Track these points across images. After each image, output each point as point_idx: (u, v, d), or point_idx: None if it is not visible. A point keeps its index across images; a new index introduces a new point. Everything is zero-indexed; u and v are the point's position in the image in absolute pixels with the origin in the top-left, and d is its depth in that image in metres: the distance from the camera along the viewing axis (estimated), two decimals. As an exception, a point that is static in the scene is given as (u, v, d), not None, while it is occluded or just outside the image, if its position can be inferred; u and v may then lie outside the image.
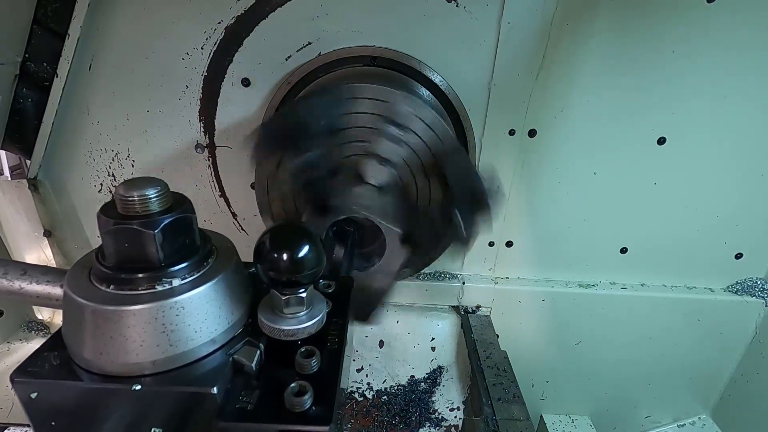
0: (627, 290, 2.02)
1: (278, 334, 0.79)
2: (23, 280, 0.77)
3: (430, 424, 1.94)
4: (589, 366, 2.17)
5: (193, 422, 0.72)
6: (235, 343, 0.79)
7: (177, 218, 0.74)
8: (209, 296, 0.75)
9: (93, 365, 0.71)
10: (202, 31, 1.63)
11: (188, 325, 0.73)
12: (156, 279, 0.73)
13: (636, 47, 1.62)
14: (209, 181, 1.87)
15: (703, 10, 1.55)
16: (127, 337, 0.70)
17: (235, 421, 0.70)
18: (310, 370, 0.77)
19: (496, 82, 1.66)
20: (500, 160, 1.79)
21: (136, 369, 0.71)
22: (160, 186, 0.74)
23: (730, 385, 2.17)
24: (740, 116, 1.71)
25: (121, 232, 0.71)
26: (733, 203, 1.86)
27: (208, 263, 0.80)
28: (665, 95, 1.68)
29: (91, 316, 0.70)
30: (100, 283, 0.73)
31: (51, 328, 2.13)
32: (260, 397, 0.74)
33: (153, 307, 0.70)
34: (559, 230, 1.95)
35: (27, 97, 1.70)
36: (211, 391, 0.70)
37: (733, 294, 2.03)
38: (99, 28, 1.64)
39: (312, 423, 0.70)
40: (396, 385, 2.01)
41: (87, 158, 1.86)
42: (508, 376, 1.73)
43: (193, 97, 1.73)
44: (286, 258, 0.75)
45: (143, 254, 0.72)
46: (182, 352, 0.73)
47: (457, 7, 1.56)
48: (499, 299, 2.03)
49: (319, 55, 1.64)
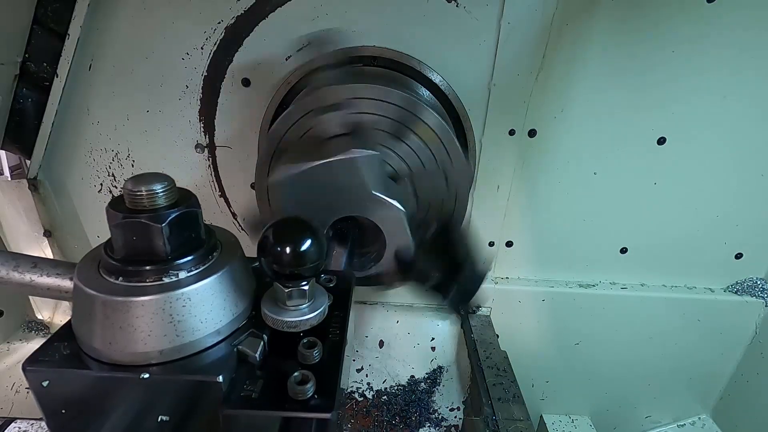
0: (627, 290, 2.02)
1: (281, 325, 0.80)
2: (34, 272, 0.78)
3: (430, 424, 1.94)
4: (589, 366, 2.17)
5: (199, 410, 0.74)
6: (239, 334, 0.81)
7: (183, 212, 0.76)
8: (214, 288, 0.77)
9: (102, 355, 0.73)
10: (202, 31, 1.63)
11: (194, 316, 0.74)
12: (163, 271, 0.74)
13: (636, 47, 1.62)
14: (209, 181, 1.87)
15: (703, 10, 1.55)
16: (136, 327, 0.71)
17: (240, 408, 0.72)
18: (312, 360, 0.79)
19: (496, 82, 1.66)
20: (500, 160, 1.79)
21: (144, 358, 0.73)
22: (167, 181, 0.75)
23: (730, 385, 2.17)
24: (740, 116, 1.71)
25: (129, 225, 0.73)
26: (733, 203, 1.86)
27: (213, 257, 0.81)
28: (665, 95, 1.68)
29: (100, 307, 0.71)
30: (109, 275, 0.75)
31: (51, 328, 2.14)
32: (264, 386, 0.75)
33: (160, 298, 0.72)
34: (559, 230, 1.95)
35: (27, 97, 1.70)
36: (217, 380, 0.72)
37: (733, 294, 2.03)
38: (99, 28, 1.64)
39: (315, 410, 0.72)
40: (396, 385, 2.01)
41: (87, 158, 1.86)
42: (508, 376, 1.73)
43: (193, 97, 1.74)
44: (289, 251, 0.76)
45: (151, 247, 0.74)
46: (188, 342, 0.74)
47: (457, 7, 1.57)
48: (499, 299, 2.03)
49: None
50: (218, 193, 1.90)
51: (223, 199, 1.91)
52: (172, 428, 0.75)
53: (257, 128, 1.74)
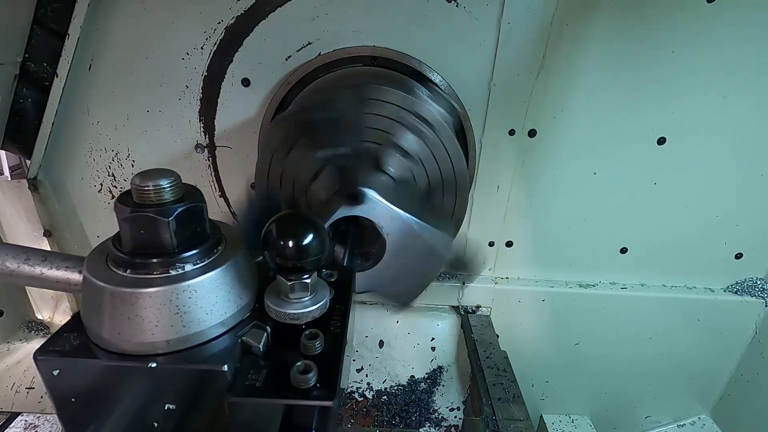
0: (627, 290, 2.02)
1: (284, 317, 0.82)
2: (44, 265, 0.79)
3: (430, 424, 1.94)
4: (589, 366, 2.17)
5: (204, 399, 0.76)
6: (243, 326, 0.82)
7: (189, 207, 0.77)
8: (219, 281, 0.79)
9: (111, 344, 0.75)
10: (202, 31, 1.64)
11: (200, 307, 0.76)
12: (170, 264, 0.76)
13: (636, 47, 1.63)
14: (209, 181, 1.87)
15: (703, 10, 1.56)
16: (143, 318, 0.73)
17: (245, 396, 0.74)
18: (314, 351, 0.81)
19: (496, 82, 1.66)
20: (500, 160, 1.80)
21: (151, 348, 0.74)
22: (173, 177, 0.77)
23: (730, 385, 2.17)
24: (740, 116, 1.71)
25: (137, 219, 0.75)
26: (733, 203, 1.87)
27: (218, 250, 0.83)
28: (665, 95, 1.69)
29: (109, 298, 0.73)
30: (117, 267, 0.76)
31: (51, 328, 2.14)
32: (267, 375, 0.77)
33: (167, 289, 0.73)
34: (559, 230, 1.95)
35: (27, 97, 1.70)
36: (222, 369, 0.73)
37: (733, 294, 2.03)
38: (99, 28, 1.64)
39: (317, 399, 0.74)
40: (396, 385, 2.01)
41: (87, 158, 1.86)
42: (508, 376, 1.73)
43: (193, 97, 1.74)
44: (292, 245, 0.78)
45: (158, 240, 0.75)
46: (194, 333, 0.76)
47: (457, 7, 1.57)
48: (499, 299, 2.04)
49: (319, 55, 1.65)
50: (218, 193, 1.90)
51: (223, 199, 1.91)
52: (179, 416, 0.77)
53: (257, 128, 1.75)
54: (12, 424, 1.57)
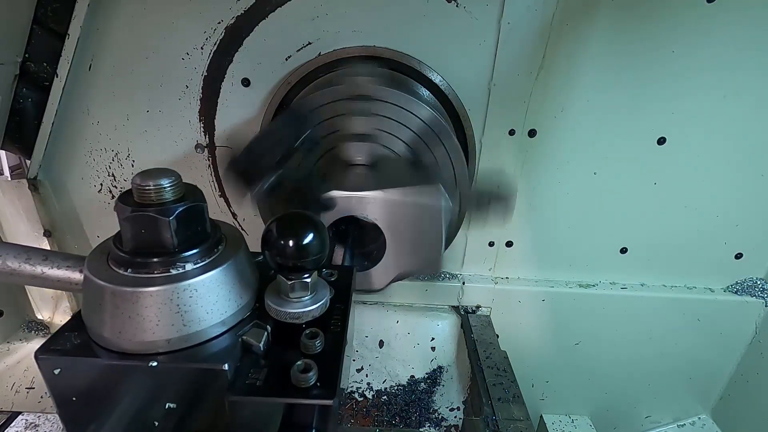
0: (627, 290, 2.02)
1: (284, 317, 0.83)
2: (45, 265, 0.80)
3: (430, 424, 1.94)
4: (589, 366, 2.17)
5: (205, 398, 0.76)
6: (243, 325, 0.83)
7: (190, 206, 0.78)
8: (220, 280, 0.79)
9: (112, 343, 0.75)
10: (202, 31, 1.63)
11: (200, 306, 0.76)
12: (170, 263, 0.76)
13: (636, 47, 1.63)
14: (209, 181, 1.87)
15: (703, 10, 1.56)
16: (144, 317, 0.73)
17: (245, 395, 0.74)
18: (314, 350, 0.81)
19: (496, 82, 1.66)
20: (500, 160, 1.80)
21: (152, 347, 0.75)
22: (174, 176, 0.78)
23: (730, 385, 2.17)
24: (740, 116, 1.71)
25: (138, 219, 0.75)
26: (733, 203, 1.87)
27: (219, 250, 0.83)
28: (665, 95, 1.69)
29: (110, 297, 0.74)
30: (118, 267, 0.77)
31: (51, 328, 2.14)
32: (268, 374, 0.77)
33: (168, 289, 0.74)
34: (559, 230, 1.95)
35: (27, 97, 1.70)
36: (223, 368, 0.74)
37: (733, 294, 2.03)
38: (99, 28, 1.64)
39: (317, 398, 0.74)
40: (396, 385, 2.01)
41: (87, 158, 1.86)
42: (508, 376, 1.73)
43: (193, 97, 1.74)
44: (292, 244, 0.79)
45: (159, 240, 0.76)
46: (195, 332, 0.76)
47: (457, 7, 1.57)
48: (499, 299, 2.04)
49: (319, 55, 1.65)
50: (218, 193, 1.90)
51: (223, 198, 1.91)
52: (179, 415, 0.77)
53: (257, 128, 1.75)
54: (13, 423, 1.58)
